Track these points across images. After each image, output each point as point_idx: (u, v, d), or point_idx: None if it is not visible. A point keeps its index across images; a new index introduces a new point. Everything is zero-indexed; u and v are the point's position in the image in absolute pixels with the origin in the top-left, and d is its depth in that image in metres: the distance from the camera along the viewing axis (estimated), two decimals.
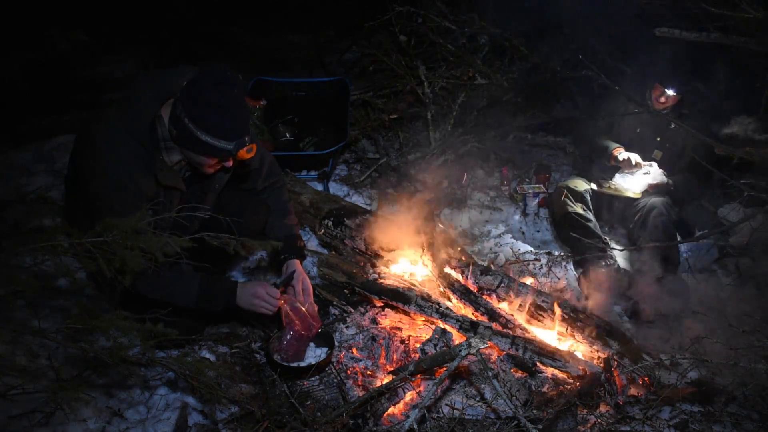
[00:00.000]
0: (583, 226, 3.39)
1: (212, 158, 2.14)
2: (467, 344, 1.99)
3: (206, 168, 2.20)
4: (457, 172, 4.18)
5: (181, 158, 2.22)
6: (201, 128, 2.02)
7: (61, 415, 2.08)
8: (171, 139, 2.12)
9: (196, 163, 2.19)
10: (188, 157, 2.17)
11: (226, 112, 2.03)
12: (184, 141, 2.08)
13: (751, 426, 2.19)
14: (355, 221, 3.22)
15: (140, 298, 2.17)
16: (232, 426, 2.19)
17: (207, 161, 2.15)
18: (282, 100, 4.22)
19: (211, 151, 2.09)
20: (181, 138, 2.08)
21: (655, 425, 2.18)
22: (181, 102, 2.04)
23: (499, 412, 2.24)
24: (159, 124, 2.13)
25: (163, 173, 2.17)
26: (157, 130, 2.13)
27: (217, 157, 2.13)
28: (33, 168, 3.81)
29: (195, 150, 2.10)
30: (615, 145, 3.51)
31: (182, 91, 2.04)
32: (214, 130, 2.03)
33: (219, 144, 2.06)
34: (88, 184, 2.13)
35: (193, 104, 2.01)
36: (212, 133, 2.03)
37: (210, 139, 2.04)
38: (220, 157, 2.13)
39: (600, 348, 2.58)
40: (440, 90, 4.36)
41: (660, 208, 3.34)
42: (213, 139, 2.04)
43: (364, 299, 2.90)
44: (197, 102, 2.01)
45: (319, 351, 2.53)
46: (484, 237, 3.72)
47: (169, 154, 2.20)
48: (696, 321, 2.88)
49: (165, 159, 2.20)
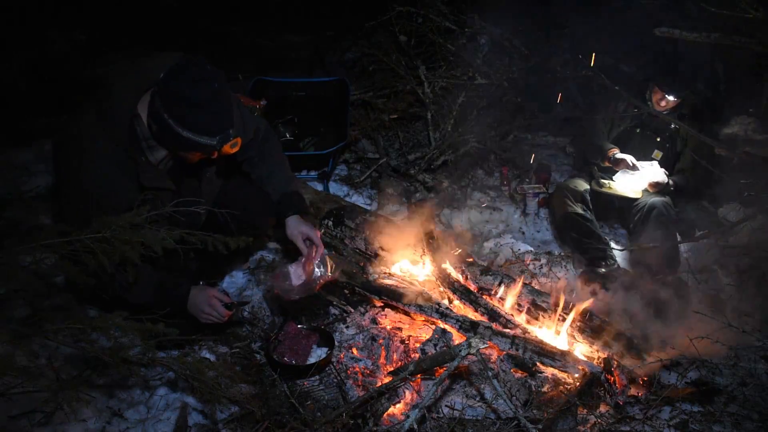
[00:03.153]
0: (583, 226, 3.39)
1: (195, 153, 2.08)
2: (467, 344, 1.99)
3: (188, 160, 2.15)
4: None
5: (166, 153, 2.16)
6: (182, 126, 1.95)
7: (61, 415, 2.08)
8: (152, 135, 2.06)
9: (178, 156, 2.14)
10: (170, 150, 2.12)
11: (208, 109, 1.96)
12: (165, 138, 2.02)
13: (751, 426, 2.19)
14: (355, 221, 3.22)
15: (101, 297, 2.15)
16: (232, 426, 2.19)
17: (190, 158, 2.11)
18: (282, 100, 4.21)
19: (194, 147, 2.02)
20: (161, 135, 2.02)
21: (655, 425, 2.18)
22: (159, 97, 1.96)
23: (499, 412, 2.24)
24: (137, 123, 2.05)
25: (147, 176, 2.10)
26: (136, 129, 2.06)
27: (200, 152, 2.07)
28: (33, 168, 3.81)
29: (177, 146, 2.04)
30: (610, 146, 3.51)
31: (160, 86, 1.95)
32: (197, 127, 1.96)
33: (202, 140, 1.99)
34: (60, 188, 2.09)
35: (173, 102, 1.93)
36: (195, 130, 1.96)
37: (192, 136, 1.97)
38: (203, 151, 2.07)
39: (600, 348, 2.58)
40: (440, 90, 4.36)
41: (660, 208, 3.34)
42: (195, 135, 1.97)
43: (364, 299, 2.90)
44: (177, 100, 1.93)
45: (320, 351, 2.53)
46: (484, 237, 3.73)
47: (153, 152, 2.13)
48: (696, 321, 2.89)
49: (149, 159, 2.13)
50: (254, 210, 2.54)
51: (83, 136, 2.02)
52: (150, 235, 1.63)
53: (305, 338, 2.56)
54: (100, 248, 1.54)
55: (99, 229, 1.58)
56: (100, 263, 1.58)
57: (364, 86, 4.64)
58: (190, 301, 2.28)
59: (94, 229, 1.57)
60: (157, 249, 1.66)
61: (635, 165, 3.40)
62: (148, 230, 1.64)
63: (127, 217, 1.64)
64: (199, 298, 2.29)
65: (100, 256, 1.55)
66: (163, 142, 2.06)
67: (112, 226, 1.59)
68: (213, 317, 2.31)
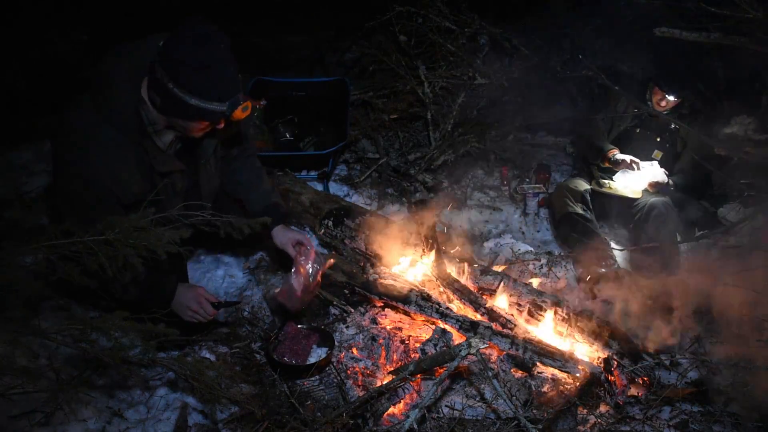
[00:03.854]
0: (583, 226, 3.39)
1: (203, 122, 1.94)
2: (467, 344, 1.99)
3: (194, 132, 2.00)
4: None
5: (173, 136, 2.06)
6: (189, 92, 1.81)
7: (61, 415, 2.08)
8: (155, 108, 1.92)
9: (182, 128, 1.99)
10: (173, 123, 1.97)
11: (215, 71, 1.81)
12: (170, 108, 1.88)
13: (751, 426, 2.19)
14: (355, 221, 3.22)
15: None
16: (232, 426, 2.20)
17: (194, 129, 1.97)
18: (282, 100, 4.21)
19: (202, 116, 1.88)
20: (166, 106, 1.87)
21: (655, 425, 2.19)
22: (161, 66, 1.81)
23: (499, 412, 2.24)
24: (142, 108, 1.95)
25: (158, 160, 2.02)
26: (141, 114, 1.95)
27: (209, 120, 1.93)
28: (33, 168, 3.81)
29: (184, 116, 1.90)
30: (610, 146, 3.51)
31: (160, 54, 1.82)
32: (205, 93, 1.82)
33: (211, 107, 1.85)
34: (59, 184, 2.01)
35: (176, 68, 1.79)
36: (203, 97, 1.83)
37: (201, 103, 1.83)
38: (212, 120, 1.93)
39: (600, 348, 2.58)
40: (440, 90, 4.36)
41: (660, 208, 3.34)
42: (204, 102, 1.84)
43: (364, 299, 2.90)
44: (180, 64, 1.79)
45: (320, 351, 2.53)
46: (484, 237, 3.73)
47: (161, 136, 2.04)
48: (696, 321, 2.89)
49: (157, 144, 2.04)
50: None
51: (84, 128, 1.93)
52: (154, 238, 1.61)
53: (305, 338, 2.56)
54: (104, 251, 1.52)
55: (103, 231, 1.56)
56: (101, 265, 1.56)
57: (364, 86, 4.63)
58: (177, 299, 2.23)
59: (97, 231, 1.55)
60: (160, 252, 1.62)
61: (636, 165, 3.40)
62: (152, 233, 1.62)
63: (133, 220, 1.61)
64: (187, 295, 2.24)
65: (102, 258, 1.53)
66: (167, 112, 1.91)
67: (116, 228, 1.56)
68: (199, 315, 2.25)
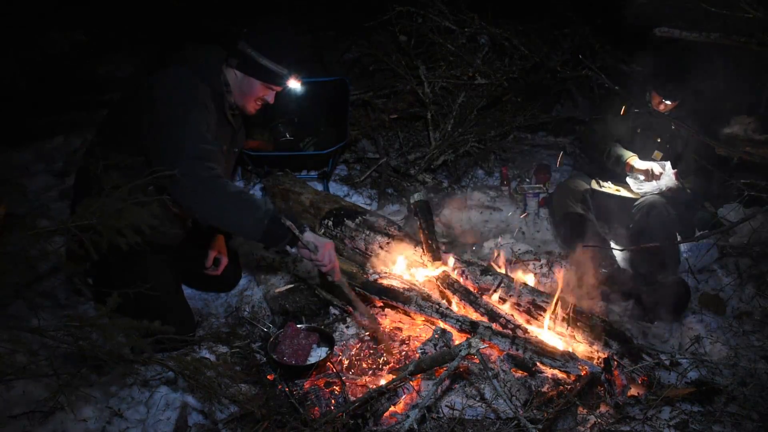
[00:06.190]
0: (583, 226, 3.38)
1: (266, 86, 2.42)
2: (467, 344, 1.99)
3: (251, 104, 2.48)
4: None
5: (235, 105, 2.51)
6: (262, 53, 2.34)
7: (61, 414, 2.08)
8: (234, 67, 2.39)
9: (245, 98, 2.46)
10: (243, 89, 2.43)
11: (286, 42, 2.39)
12: (246, 66, 2.37)
13: (751, 426, 2.19)
14: (355, 221, 3.21)
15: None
16: (232, 426, 2.19)
17: (257, 93, 2.43)
18: (282, 100, 4.21)
19: (267, 76, 2.38)
20: (243, 64, 2.37)
21: (655, 425, 2.18)
22: (245, 38, 2.36)
23: (499, 412, 2.23)
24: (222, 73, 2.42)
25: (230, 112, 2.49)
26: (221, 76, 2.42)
27: (272, 82, 2.41)
28: (33, 168, 3.82)
29: (254, 74, 2.38)
30: (629, 154, 3.46)
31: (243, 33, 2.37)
32: (274, 55, 2.35)
33: (275, 68, 2.36)
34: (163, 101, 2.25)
35: (258, 35, 2.36)
36: (272, 58, 2.34)
37: (269, 64, 2.35)
38: (274, 82, 2.41)
39: (600, 348, 2.57)
40: (440, 90, 4.36)
41: (660, 207, 3.34)
42: (272, 63, 2.35)
43: (364, 299, 2.90)
44: (262, 33, 2.37)
45: (320, 351, 2.53)
46: (484, 237, 3.73)
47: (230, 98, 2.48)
48: (696, 321, 2.89)
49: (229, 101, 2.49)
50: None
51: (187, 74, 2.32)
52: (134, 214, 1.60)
53: (305, 338, 2.55)
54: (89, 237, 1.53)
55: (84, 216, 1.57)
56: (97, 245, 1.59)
57: (364, 86, 4.64)
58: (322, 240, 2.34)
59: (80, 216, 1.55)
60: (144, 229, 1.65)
61: (661, 173, 3.35)
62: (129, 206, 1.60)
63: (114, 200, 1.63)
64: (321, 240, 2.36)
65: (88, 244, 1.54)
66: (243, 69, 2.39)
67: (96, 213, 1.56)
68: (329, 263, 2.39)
